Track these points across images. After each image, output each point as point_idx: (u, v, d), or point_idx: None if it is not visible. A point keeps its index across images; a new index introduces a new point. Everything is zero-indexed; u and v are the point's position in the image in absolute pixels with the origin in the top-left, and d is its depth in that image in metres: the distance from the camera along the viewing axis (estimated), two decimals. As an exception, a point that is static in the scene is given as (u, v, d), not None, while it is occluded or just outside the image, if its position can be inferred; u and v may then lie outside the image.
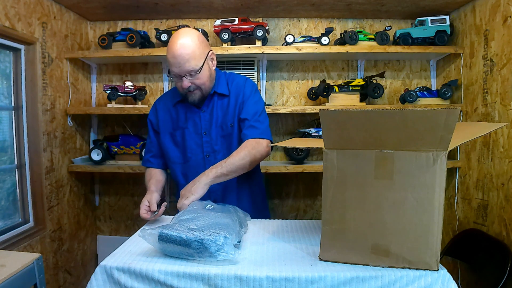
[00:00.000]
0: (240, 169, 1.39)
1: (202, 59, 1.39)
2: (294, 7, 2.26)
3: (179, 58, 1.34)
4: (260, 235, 1.22)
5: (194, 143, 1.51)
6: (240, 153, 1.39)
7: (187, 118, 1.52)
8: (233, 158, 1.37)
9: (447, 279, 0.92)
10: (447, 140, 0.86)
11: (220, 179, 1.36)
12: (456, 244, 1.95)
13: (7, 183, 1.86)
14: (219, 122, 1.50)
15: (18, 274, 1.18)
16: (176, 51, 1.34)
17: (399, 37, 2.21)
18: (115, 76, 2.54)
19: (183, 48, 1.34)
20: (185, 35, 1.37)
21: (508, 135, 1.79)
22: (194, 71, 1.37)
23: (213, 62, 1.48)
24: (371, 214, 0.95)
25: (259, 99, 1.54)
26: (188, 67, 1.36)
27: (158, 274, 0.94)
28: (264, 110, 1.54)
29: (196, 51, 1.36)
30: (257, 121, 1.47)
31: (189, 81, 1.39)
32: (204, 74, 1.41)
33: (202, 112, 1.50)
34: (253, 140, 1.43)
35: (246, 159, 1.38)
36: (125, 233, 2.59)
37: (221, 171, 1.35)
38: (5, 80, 1.84)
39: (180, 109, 1.54)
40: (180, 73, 1.37)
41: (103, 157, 2.21)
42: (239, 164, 1.37)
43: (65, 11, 2.20)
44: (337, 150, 0.96)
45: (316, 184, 2.53)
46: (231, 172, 1.37)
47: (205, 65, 1.40)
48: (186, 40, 1.35)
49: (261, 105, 1.53)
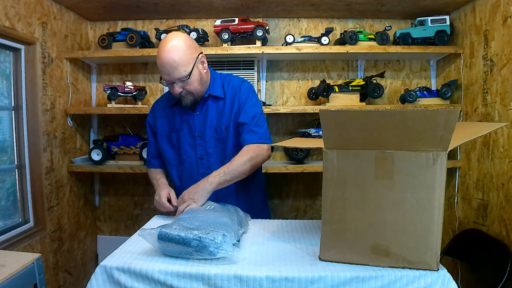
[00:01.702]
0: (243, 174, 1.40)
1: (191, 64, 1.37)
2: (294, 7, 2.26)
3: (168, 66, 1.34)
4: (260, 235, 1.22)
5: (188, 145, 1.52)
6: (242, 158, 1.39)
7: (182, 120, 1.52)
8: (235, 164, 1.38)
9: (447, 279, 0.92)
10: (447, 140, 0.86)
11: (223, 185, 1.38)
12: (456, 244, 1.95)
13: (7, 183, 1.86)
14: (214, 125, 1.50)
15: (18, 274, 1.18)
16: (164, 59, 1.33)
17: (399, 37, 2.21)
18: (115, 76, 2.54)
19: (171, 55, 1.33)
20: (171, 40, 1.35)
21: (508, 135, 1.79)
22: (184, 77, 1.37)
23: (204, 65, 1.46)
24: (371, 214, 0.95)
25: (256, 101, 1.53)
26: (178, 74, 1.36)
27: (158, 274, 0.94)
28: (262, 113, 1.54)
29: (184, 57, 1.35)
30: (256, 125, 1.47)
31: (180, 86, 1.39)
32: (194, 79, 1.40)
33: (196, 114, 1.50)
34: (254, 145, 1.43)
35: (248, 164, 1.40)
36: (125, 233, 2.59)
37: (225, 178, 1.36)
38: (5, 80, 1.84)
39: (176, 111, 1.54)
40: (170, 80, 1.38)
41: (103, 157, 2.21)
42: (242, 169, 1.39)
43: (65, 11, 2.20)
44: (337, 150, 0.96)
45: (316, 184, 2.53)
46: (234, 178, 1.39)
47: (195, 70, 1.39)
48: (173, 46, 1.34)
49: (259, 108, 1.53)
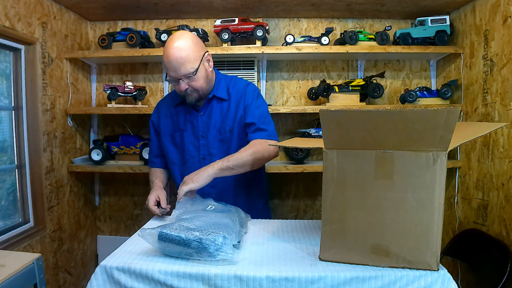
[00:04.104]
0: (247, 165, 1.38)
1: (198, 61, 1.40)
2: (294, 7, 2.26)
3: (175, 62, 1.35)
4: (260, 235, 1.22)
5: (191, 145, 1.53)
6: (248, 149, 1.39)
7: (186, 120, 1.54)
8: (240, 153, 1.38)
9: (447, 279, 0.92)
10: (447, 140, 0.86)
11: (225, 172, 1.35)
12: (456, 244, 1.95)
13: (7, 183, 1.86)
14: (217, 126, 1.51)
15: (18, 274, 1.18)
16: (171, 55, 1.35)
17: (399, 37, 2.21)
18: (115, 76, 2.54)
19: (178, 51, 1.35)
20: (179, 38, 1.37)
21: (508, 135, 1.79)
22: (190, 74, 1.38)
23: (210, 63, 1.48)
24: (371, 214, 0.95)
25: (262, 103, 1.55)
26: (184, 70, 1.37)
27: (158, 274, 0.94)
28: (269, 114, 1.55)
29: (191, 54, 1.37)
30: (263, 123, 1.48)
31: (186, 83, 1.40)
32: (200, 76, 1.41)
33: (201, 115, 1.52)
34: (262, 140, 1.44)
35: (252, 156, 1.38)
36: (125, 233, 2.59)
37: (227, 164, 1.34)
38: (5, 80, 1.84)
39: (180, 111, 1.55)
40: (177, 77, 1.39)
41: (103, 157, 2.21)
42: (245, 160, 1.37)
43: (65, 11, 2.20)
44: (337, 150, 0.96)
45: (316, 184, 2.53)
46: (237, 166, 1.36)
47: (201, 67, 1.41)
48: (180, 43, 1.36)
49: (265, 108, 1.54)
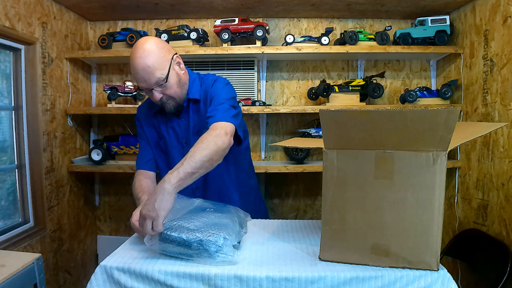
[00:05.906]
0: (206, 161, 1.16)
1: (167, 67, 1.31)
2: (294, 7, 2.26)
3: (142, 72, 1.27)
4: (260, 235, 1.22)
5: (176, 152, 1.46)
6: (200, 144, 1.19)
7: (168, 127, 1.47)
8: (193, 152, 1.16)
9: (447, 279, 0.92)
10: (447, 140, 0.86)
11: (187, 180, 1.12)
12: (456, 244, 1.95)
13: (7, 183, 1.86)
14: (196, 130, 1.43)
15: (18, 274, 1.18)
16: (137, 66, 1.27)
17: (399, 37, 2.21)
18: (115, 76, 2.53)
19: (143, 60, 1.27)
20: (142, 45, 1.29)
21: (508, 135, 1.79)
22: (161, 81, 1.30)
23: (181, 66, 1.40)
24: (371, 214, 0.95)
25: (227, 91, 1.42)
26: (154, 79, 1.29)
27: (158, 274, 0.94)
28: (234, 100, 1.42)
29: (157, 61, 1.29)
30: (220, 104, 1.34)
31: (159, 92, 1.33)
32: (172, 82, 1.34)
33: (181, 120, 1.45)
34: (214, 124, 1.27)
35: (208, 149, 1.17)
36: (125, 233, 2.59)
37: (184, 171, 1.10)
38: (5, 80, 1.84)
39: (161, 120, 1.48)
40: (148, 87, 1.31)
41: (103, 157, 2.21)
42: (203, 156, 1.15)
43: (65, 11, 2.20)
44: (337, 150, 0.96)
45: (316, 184, 2.53)
46: (197, 168, 1.14)
47: (172, 72, 1.33)
48: (144, 51, 1.27)
49: (229, 94, 1.41)
